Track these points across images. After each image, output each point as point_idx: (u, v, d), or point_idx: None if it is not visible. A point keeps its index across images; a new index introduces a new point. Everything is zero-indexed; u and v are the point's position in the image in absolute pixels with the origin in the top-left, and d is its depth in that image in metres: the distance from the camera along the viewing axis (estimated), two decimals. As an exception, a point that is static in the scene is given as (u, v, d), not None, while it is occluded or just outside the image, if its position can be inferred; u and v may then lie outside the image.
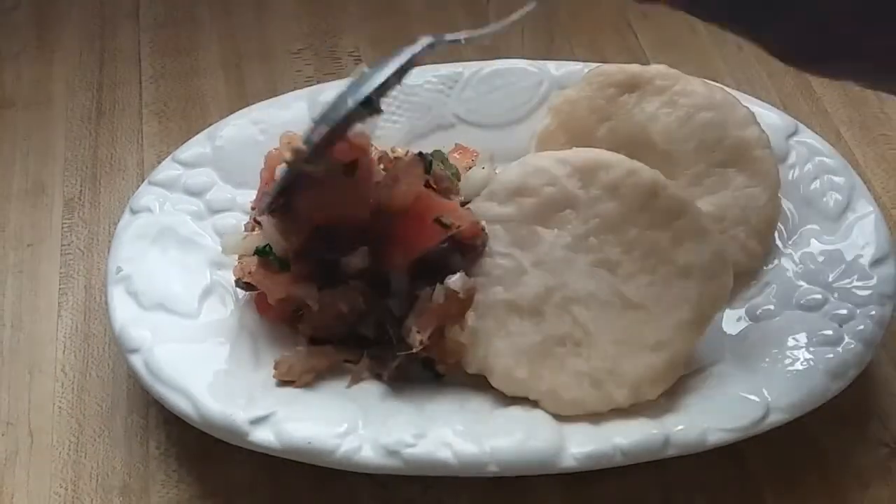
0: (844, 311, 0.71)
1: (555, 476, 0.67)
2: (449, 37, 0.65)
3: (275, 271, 0.71)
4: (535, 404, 0.69)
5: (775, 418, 0.67)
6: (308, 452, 0.66)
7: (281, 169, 0.70)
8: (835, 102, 0.94)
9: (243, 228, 0.77)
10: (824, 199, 0.78)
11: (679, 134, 0.78)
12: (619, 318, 0.69)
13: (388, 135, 0.82)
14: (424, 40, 0.64)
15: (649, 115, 0.79)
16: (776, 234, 0.77)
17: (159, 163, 0.83)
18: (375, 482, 0.69)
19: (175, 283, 0.74)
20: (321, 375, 0.71)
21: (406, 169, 0.71)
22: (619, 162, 0.72)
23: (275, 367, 0.70)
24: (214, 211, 0.79)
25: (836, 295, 0.73)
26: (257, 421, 0.67)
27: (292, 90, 0.88)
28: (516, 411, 0.69)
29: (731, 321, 0.74)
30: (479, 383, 0.70)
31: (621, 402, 0.67)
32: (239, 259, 0.73)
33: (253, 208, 0.78)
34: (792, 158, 0.81)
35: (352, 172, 0.69)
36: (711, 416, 0.66)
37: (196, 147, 0.82)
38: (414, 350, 0.69)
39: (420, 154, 0.73)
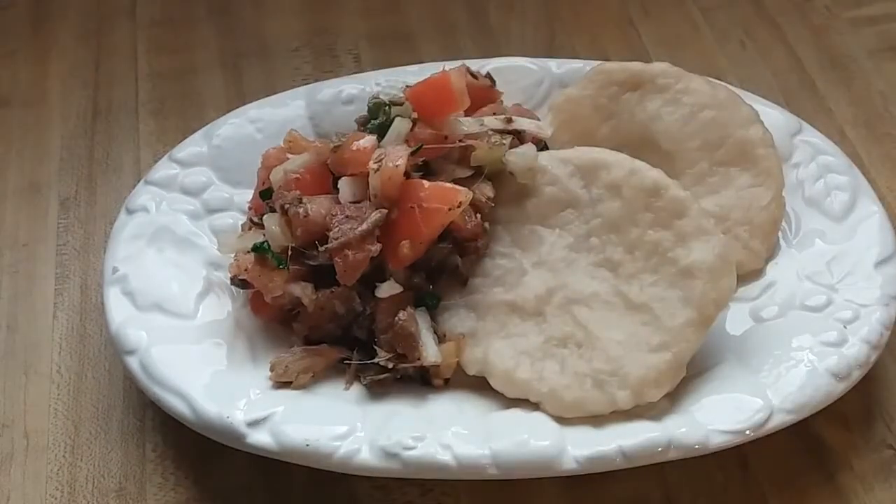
0: (849, 312, 0.71)
1: (555, 479, 0.66)
2: None
3: (271, 269, 0.70)
4: (535, 406, 0.68)
5: (779, 420, 0.66)
6: (306, 455, 0.65)
7: None
8: (839, 101, 0.93)
9: (240, 228, 0.76)
10: (828, 199, 0.77)
11: (682, 133, 0.77)
12: (621, 318, 0.69)
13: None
14: None
15: (652, 114, 0.78)
16: (779, 234, 0.77)
17: (156, 162, 0.83)
18: (374, 485, 0.69)
19: (172, 283, 0.73)
20: (318, 376, 0.70)
21: (390, 157, 0.70)
22: (621, 161, 0.71)
23: (270, 369, 0.69)
24: (211, 210, 0.79)
25: (840, 295, 0.72)
26: (255, 423, 0.66)
27: (290, 88, 0.87)
28: (517, 413, 0.68)
29: (734, 322, 0.73)
30: (479, 385, 0.70)
31: (623, 405, 0.66)
32: (235, 257, 0.72)
33: (250, 208, 0.77)
34: (796, 157, 0.80)
35: None
36: (714, 419, 0.66)
37: (193, 146, 0.82)
38: (381, 364, 0.69)
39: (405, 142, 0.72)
